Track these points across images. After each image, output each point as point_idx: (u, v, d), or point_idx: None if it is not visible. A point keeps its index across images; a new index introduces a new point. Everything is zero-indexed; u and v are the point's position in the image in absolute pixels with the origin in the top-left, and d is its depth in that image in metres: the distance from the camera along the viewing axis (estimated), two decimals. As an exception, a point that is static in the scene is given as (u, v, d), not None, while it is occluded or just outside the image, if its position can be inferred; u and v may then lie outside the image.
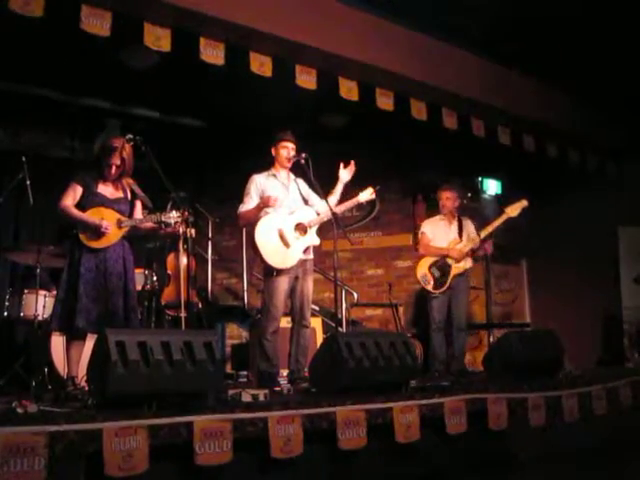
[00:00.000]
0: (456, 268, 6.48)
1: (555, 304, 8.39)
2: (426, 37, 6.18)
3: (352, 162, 5.40)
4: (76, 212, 4.53)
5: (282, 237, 5.20)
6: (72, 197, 4.55)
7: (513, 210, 6.50)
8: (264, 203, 5.18)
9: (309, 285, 5.34)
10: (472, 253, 6.59)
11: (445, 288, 6.46)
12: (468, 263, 6.58)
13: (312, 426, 3.63)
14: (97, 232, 4.50)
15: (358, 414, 3.78)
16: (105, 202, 4.60)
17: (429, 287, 6.51)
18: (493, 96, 6.59)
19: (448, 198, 6.70)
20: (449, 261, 6.50)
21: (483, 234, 6.51)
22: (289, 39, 5.21)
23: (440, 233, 6.68)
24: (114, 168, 4.60)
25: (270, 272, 5.18)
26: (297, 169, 5.46)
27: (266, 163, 5.46)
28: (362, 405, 3.85)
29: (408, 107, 6.13)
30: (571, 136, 7.52)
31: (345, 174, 5.40)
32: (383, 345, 4.31)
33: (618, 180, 8.29)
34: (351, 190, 5.54)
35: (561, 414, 4.82)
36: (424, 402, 4.11)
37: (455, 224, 6.70)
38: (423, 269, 6.58)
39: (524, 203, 6.52)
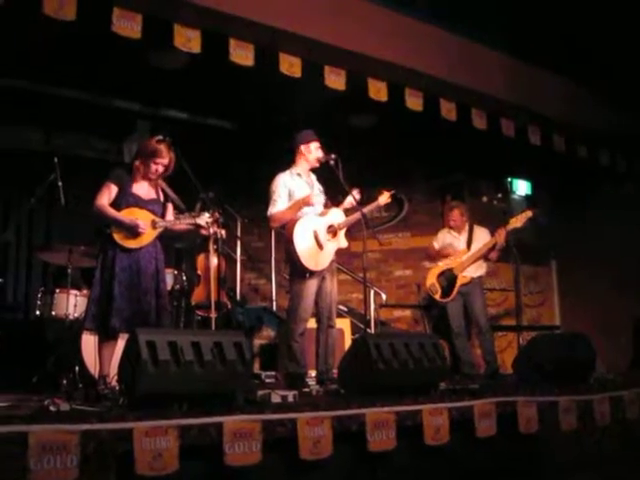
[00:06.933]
0: (462, 278, 6.61)
1: (585, 306, 8.30)
2: (456, 37, 6.15)
3: (357, 189, 5.34)
4: (112, 212, 4.48)
5: (317, 239, 5.17)
6: (107, 196, 4.51)
7: (517, 221, 6.53)
8: (304, 202, 5.15)
9: (335, 286, 5.34)
10: (487, 255, 6.65)
11: (451, 297, 6.61)
12: (479, 272, 6.69)
13: (341, 428, 3.61)
14: (132, 232, 4.48)
15: (387, 416, 3.76)
16: (140, 202, 4.57)
17: (437, 296, 6.71)
18: (523, 96, 6.53)
19: (462, 214, 6.80)
20: (455, 271, 6.62)
21: (491, 243, 6.57)
22: (318, 40, 5.22)
23: (450, 244, 6.81)
24: (161, 169, 4.59)
25: (302, 274, 5.12)
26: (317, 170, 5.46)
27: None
28: (391, 407, 3.82)
29: (438, 107, 6.11)
30: (601, 137, 7.43)
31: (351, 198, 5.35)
32: (412, 347, 4.28)
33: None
34: (372, 192, 5.54)
35: (592, 418, 4.76)
36: (454, 405, 4.08)
37: (465, 234, 6.79)
38: (432, 279, 6.77)
39: (529, 214, 6.56)
